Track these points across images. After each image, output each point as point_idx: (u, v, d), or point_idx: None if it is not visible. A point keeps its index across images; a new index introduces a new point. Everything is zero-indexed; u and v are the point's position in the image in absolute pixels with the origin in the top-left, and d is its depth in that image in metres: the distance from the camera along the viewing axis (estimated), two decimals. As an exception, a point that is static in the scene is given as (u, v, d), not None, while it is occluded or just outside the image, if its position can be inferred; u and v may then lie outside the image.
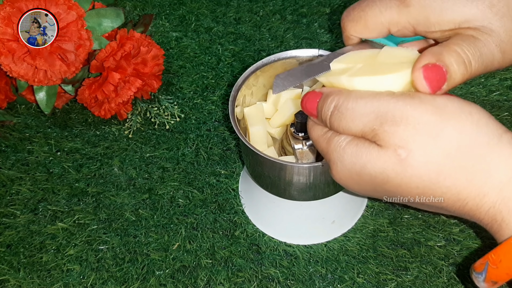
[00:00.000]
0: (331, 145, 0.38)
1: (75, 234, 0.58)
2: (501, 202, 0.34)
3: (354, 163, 0.36)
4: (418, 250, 0.55)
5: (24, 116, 0.69)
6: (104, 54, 0.61)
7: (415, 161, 0.34)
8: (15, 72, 0.60)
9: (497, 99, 0.67)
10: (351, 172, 0.37)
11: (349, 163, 0.36)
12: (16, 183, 0.62)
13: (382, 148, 0.35)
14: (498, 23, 0.37)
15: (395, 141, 0.34)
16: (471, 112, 0.35)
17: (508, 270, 0.33)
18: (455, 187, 0.34)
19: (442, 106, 0.34)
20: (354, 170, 0.36)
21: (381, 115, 0.34)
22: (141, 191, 0.61)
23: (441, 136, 0.34)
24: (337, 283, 0.53)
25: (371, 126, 0.35)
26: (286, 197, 0.52)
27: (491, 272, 0.34)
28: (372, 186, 0.37)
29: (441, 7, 0.37)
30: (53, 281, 0.54)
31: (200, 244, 0.56)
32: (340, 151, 0.37)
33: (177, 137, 0.66)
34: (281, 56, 0.53)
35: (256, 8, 0.80)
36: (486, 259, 0.34)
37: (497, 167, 0.34)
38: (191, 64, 0.73)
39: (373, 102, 0.35)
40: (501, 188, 0.34)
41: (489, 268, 0.34)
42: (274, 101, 0.55)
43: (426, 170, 0.34)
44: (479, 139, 0.34)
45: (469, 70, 0.36)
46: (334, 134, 0.38)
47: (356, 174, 0.36)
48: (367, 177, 0.36)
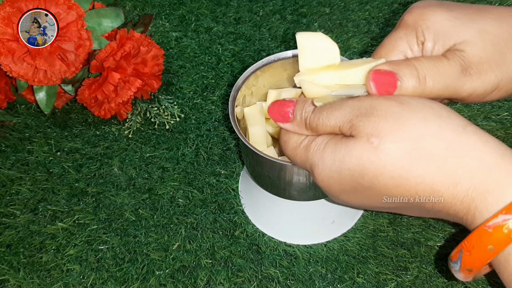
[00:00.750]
0: (310, 150, 0.39)
1: (75, 234, 0.58)
2: (473, 189, 0.34)
3: (334, 160, 0.37)
4: (418, 250, 0.55)
5: (24, 116, 0.69)
6: (104, 54, 0.61)
7: (387, 148, 0.35)
8: (15, 72, 0.60)
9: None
10: (331, 170, 0.37)
11: (329, 161, 0.37)
12: (16, 183, 0.62)
13: (356, 139, 0.36)
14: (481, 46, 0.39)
15: (367, 130, 0.36)
16: (432, 106, 0.36)
17: (481, 256, 0.33)
18: (428, 175, 0.35)
19: (405, 101, 0.36)
20: (334, 167, 0.37)
21: (356, 108, 0.37)
22: (141, 191, 0.61)
23: (408, 123, 0.35)
24: (337, 283, 0.53)
25: (348, 118, 0.37)
26: (286, 197, 0.52)
27: (466, 259, 0.34)
28: (352, 184, 0.37)
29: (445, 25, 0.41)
30: (53, 281, 0.54)
31: (200, 244, 0.56)
32: (320, 152, 0.38)
33: (177, 137, 0.66)
34: (281, 56, 0.53)
35: (256, 8, 0.80)
36: (460, 247, 0.35)
37: (466, 153, 0.34)
38: (191, 64, 0.73)
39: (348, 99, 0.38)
40: (472, 174, 0.34)
41: (463, 256, 0.34)
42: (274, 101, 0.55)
43: (398, 156, 0.35)
44: (443, 128, 0.35)
45: (422, 85, 0.38)
46: (311, 139, 0.39)
47: (336, 172, 0.37)
48: (346, 172, 0.37)
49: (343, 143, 0.37)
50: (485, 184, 0.34)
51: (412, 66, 0.38)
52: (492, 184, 0.34)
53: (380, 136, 0.35)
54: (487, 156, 0.34)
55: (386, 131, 0.35)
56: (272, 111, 0.41)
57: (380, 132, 0.35)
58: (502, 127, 0.64)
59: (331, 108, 0.38)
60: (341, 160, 0.37)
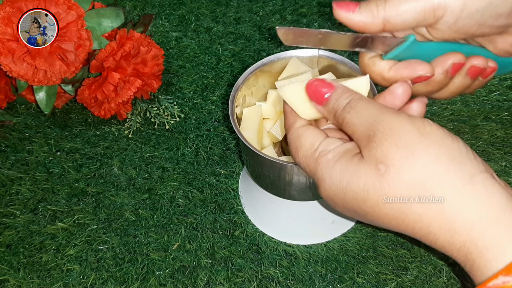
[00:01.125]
0: (320, 163, 0.38)
1: (75, 234, 0.58)
2: (470, 242, 0.33)
3: (341, 179, 0.37)
4: (418, 250, 0.55)
5: (24, 116, 0.69)
6: (104, 54, 0.61)
7: (391, 178, 0.34)
8: (15, 72, 0.60)
9: (497, 99, 0.67)
10: (338, 189, 0.37)
11: (337, 180, 0.37)
12: (16, 183, 0.62)
13: (366, 162, 0.35)
14: None
15: (378, 155, 0.35)
16: (451, 146, 0.35)
17: None
18: (426, 216, 0.34)
19: (426, 132, 0.35)
20: (341, 187, 0.37)
21: (377, 123, 0.36)
22: (141, 191, 0.61)
23: (418, 158, 0.34)
24: (337, 283, 0.53)
25: (366, 133, 0.36)
26: (286, 197, 0.52)
27: None
28: (354, 207, 0.37)
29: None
30: (53, 281, 0.54)
31: (200, 244, 0.56)
32: (329, 168, 0.37)
33: (177, 137, 0.66)
34: (281, 56, 0.53)
35: (256, 8, 0.80)
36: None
37: (467, 204, 0.33)
38: (191, 64, 0.73)
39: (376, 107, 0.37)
40: (470, 226, 0.33)
41: None
42: (273, 101, 0.55)
43: (400, 189, 0.34)
44: (451, 174, 0.34)
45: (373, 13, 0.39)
46: (322, 153, 0.38)
47: (342, 192, 0.37)
48: (350, 194, 0.36)
49: (353, 164, 0.36)
50: (483, 239, 0.33)
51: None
52: (491, 240, 0.32)
53: (388, 164, 0.34)
54: (488, 209, 0.33)
55: (394, 161, 0.34)
56: (311, 88, 0.40)
57: (388, 160, 0.34)
58: (502, 127, 0.64)
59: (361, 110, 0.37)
60: (348, 181, 0.36)
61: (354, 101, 0.38)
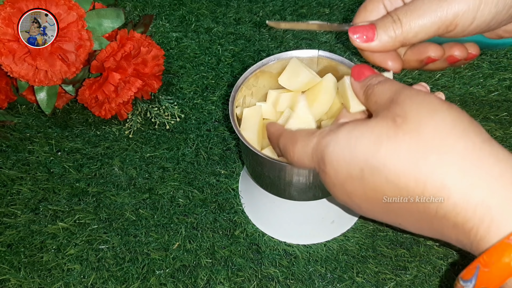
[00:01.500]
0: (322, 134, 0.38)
1: (75, 233, 0.58)
2: (491, 196, 0.31)
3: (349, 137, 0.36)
4: (417, 250, 0.55)
5: (24, 116, 0.69)
6: (104, 54, 0.62)
7: (408, 128, 0.34)
8: (15, 73, 0.60)
9: (496, 99, 0.67)
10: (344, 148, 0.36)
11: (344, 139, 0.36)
12: (16, 183, 0.62)
13: (380, 117, 0.36)
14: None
15: (397, 111, 0.35)
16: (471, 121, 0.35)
17: (502, 272, 0.31)
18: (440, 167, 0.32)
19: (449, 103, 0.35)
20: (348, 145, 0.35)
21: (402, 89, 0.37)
22: (141, 191, 0.61)
23: (438, 118, 0.34)
24: (336, 283, 0.53)
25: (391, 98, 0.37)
26: (286, 197, 0.52)
27: (483, 276, 0.31)
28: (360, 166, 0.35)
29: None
30: (53, 281, 0.54)
31: (200, 243, 0.57)
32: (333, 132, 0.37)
33: (177, 137, 0.66)
34: (281, 56, 0.53)
35: (256, 8, 0.80)
36: (477, 262, 0.32)
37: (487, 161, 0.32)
38: (191, 65, 0.73)
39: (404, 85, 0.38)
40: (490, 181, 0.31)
41: (480, 273, 0.31)
42: (273, 101, 0.55)
43: (416, 140, 0.33)
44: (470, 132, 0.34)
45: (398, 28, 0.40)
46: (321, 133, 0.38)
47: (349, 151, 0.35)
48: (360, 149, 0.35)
49: (364, 122, 0.36)
50: (505, 194, 0.31)
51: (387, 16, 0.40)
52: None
53: (405, 117, 0.34)
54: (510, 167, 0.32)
55: (413, 116, 0.34)
56: (357, 67, 0.41)
57: (407, 114, 0.34)
58: (501, 127, 0.64)
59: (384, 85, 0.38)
60: (357, 136, 0.35)
61: (385, 80, 0.39)
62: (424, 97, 0.35)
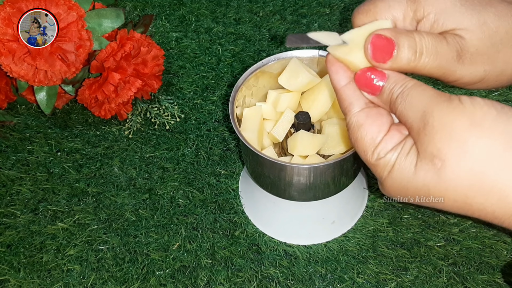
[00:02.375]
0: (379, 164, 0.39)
1: (75, 234, 0.58)
2: None
3: (401, 179, 0.38)
4: (418, 250, 0.55)
5: (24, 117, 0.69)
6: (104, 54, 0.61)
7: (449, 172, 0.35)
8: (15, 73, 0.60)
9: (496, 99, 0.67)
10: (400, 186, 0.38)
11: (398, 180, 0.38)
12: (16, 183, 0.62)
13: (421, 158, 0.36)
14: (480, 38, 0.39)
15: (431, 149, 0.35)
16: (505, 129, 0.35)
17: None
18: (488, 205, 0.35)
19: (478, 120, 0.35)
20: (401, 185, 0.38)
21: (428, 115, 0.36)
22: (141, 191, 0.61)
23: (471, 153, 0.35)
24: (337, 283, 0.53)
25: (418, 126, 0.36)
26: (286, 198, 0.52)
27: None
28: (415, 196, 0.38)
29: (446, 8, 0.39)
30: (53, 281, 0.54)
31: (200, 244, 0.56)
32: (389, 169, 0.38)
33: (177, 137, 0.66)
34: (281, 56, 0.53)
35: (256, 8, 0.80)
36: None
37: None
38: (191, 65, 0.73)
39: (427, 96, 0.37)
40: None
41: None
42: (273, 102, 0.55)
43: (460, 183, 0.35)
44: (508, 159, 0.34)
45: (416, 60, 0.38)
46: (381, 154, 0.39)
47: (403, 189, 0.38)
48: (412, 191, 0.38)
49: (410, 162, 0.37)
50: None
51: (412, 39, 0.38)
52: None
53: (443, 159, 0.35)
54: None
55: (448, 156, 0.35)
56: (362, 79, 0.40)
57: (442, 154, 0.35)
58: (501, 127, 0.64)
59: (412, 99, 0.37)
60: (408, 180, 0.37)
61: (406, 90, 0.38)
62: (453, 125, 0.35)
